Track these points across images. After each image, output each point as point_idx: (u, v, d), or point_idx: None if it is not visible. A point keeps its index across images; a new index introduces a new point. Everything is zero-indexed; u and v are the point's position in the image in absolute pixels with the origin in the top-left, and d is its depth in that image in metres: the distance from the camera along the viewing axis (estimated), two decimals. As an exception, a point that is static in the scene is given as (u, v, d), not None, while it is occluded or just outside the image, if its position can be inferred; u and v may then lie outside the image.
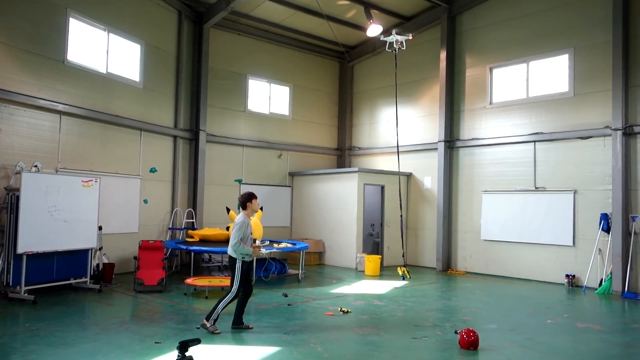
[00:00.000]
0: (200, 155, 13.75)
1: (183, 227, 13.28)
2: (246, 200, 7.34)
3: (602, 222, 11.12)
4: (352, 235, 14.15)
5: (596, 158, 11.50)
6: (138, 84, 12.52)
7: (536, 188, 12.47)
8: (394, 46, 10.08)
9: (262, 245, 8.40)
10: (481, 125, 13.70)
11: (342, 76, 17.52)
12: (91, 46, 11.44)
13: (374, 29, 14.11)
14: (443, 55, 14.29)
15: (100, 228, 10.38)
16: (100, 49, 11.62)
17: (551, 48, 12.42)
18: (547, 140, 12.31)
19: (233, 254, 7.06)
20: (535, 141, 12.54)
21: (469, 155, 13.92)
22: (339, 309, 8.53)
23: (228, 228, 12.18)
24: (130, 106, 12.23)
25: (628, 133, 10.97)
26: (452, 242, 14.13)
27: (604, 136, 11.35)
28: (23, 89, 9.84)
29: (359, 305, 9.10)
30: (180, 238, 13.06)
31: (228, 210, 12.74)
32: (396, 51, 10.09)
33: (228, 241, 11.68)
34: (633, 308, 9.52)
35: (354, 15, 14.79)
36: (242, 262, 7.05)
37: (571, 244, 11.76)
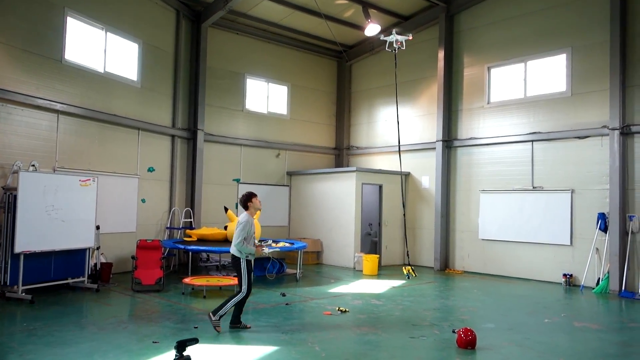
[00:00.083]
0: (198, 154, 13.74)
1: (181, 227, 13.27)
2: (246, 200, 7.34)
3: (600, 222, 11.14)
4: (350, 234, 14.16)
5: (594, 157, 11.52)
6: (136, 83, 12.50)
7: (534, 187, 12.49)
8: (394, 46, 10.06)
9: (265, 244, 8.38)
10: (479, 124, 13.72)
11: (340, 75, 17.52)
12: (89, 45, 11.42)
13: (372, 29, 14.13)
14: (441, 54, 14.31)
15: (98, 227, 10.37)
16: (98, 48, 11.60)
17: (549, 47, 12.44)
18: (545, 139, 12.33)
19: (236, 253, 7.07)
20: (533, 141, 12.56)
21: (467, 154, 13.93)
22: (337, 309, 8.53)
23: (226, 227, 12.18)
24: (128, 105, 12.21)
25: (625, 133, 10.99)
26: (450, 242, 14.15)
27: (602, 136, 11.37)
28: (21, 88, 9.82)
29: (357, 304, 9.11)
30: (178, 237, 13.05)
31: (226, 209, 12.75)
32: (396, 51, 10.09)
33: (226, 241, 11.88)
34: (630, 307, 9.55)
35: (352, 14, 14.79)
36: (246, 261, 7.07)
37: (569, 244, 11.78)
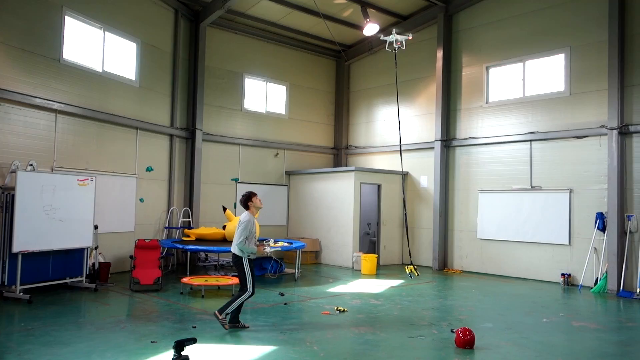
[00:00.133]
0: (196, 154, 13.72)
1: (179, 226, 13.26)
2: (247, 199, 7.34)
3: (598, 221, 11.15)
4: (349, 234, 14.16)
5: (592, 157, 11.53)
6: (134, 83, 12.48)
7: (532, 187, 12.50)
8: (394, 46, 10.05)
9: (268, 244, 8.39)
10: (477, 124, 13.72)
11: (339, 75, 17.52)
12: (87, 45, 11.40)
13: (371, 28, 14.14)
14: (439, 54, 14.31)
15: (96, 227, 10.36)
16: (96, 48, 11.57)
17: (547, 47, 12.44)
18: (543, 139, 12.34)
19: (238, 252, 7.06)
20: (531, 140, 12.57)
21: (465, 154, 13.94)
22: (336, 308, 8.52)
23: (224, 227, 12.17)
24: (126, 105, 12.19)
25: (624, 132, 11.00)
26: (449, 241, 14.15)
27: (600, 135, 11.38)
28: (18, 88, 9.80)
29: (356, 304, 9.11)
30: (176, 237, 13.04)
31: (224, 209, 12.74)
32: (396, 51, 10.08)
33: (224, 240, 11.88)
34: (628, 307, 9.55)
35: (351, 14, 14.79)
36: (248, 260, 7.07)
37: (567, 243, 11.79)
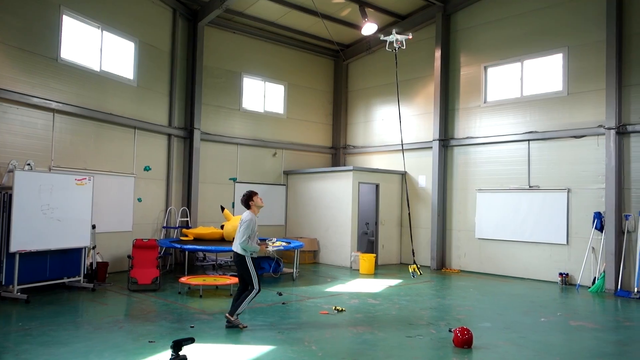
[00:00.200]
0: (194, 153, 13.70)
1: (177, 226, 13.24)
2: (247, 199, 7.35)
3: (596, 221, 11.17)
4: (347, 233, 14.16)
5: (590, 157, 11.55)
6: (132, 82, 12.46)
7: (530, 187, 12.51)
8: (394, 45, 10.05)
9: (270, 243, 8.39)
10: (475, 124, 13.73)
11: (337, 75, 17.51)
12: (85, 44, 11.37)
13: (369, 28, 14.13)
14: (438, 54, 14.31)
15: (93, 227, 10.33)
16: (94, 47, 11.55)
17: (545, 47, 12.46)
18: (541, 139, 12.35)
19: (240, 252, 7.05)
20: (529, 140, 12.58)
21: (464, 154, 13.95)
22: (334, 308, 8.52)
23: (222, 227, 12.16)
24: (124, 104, 12.17)
25: (621, 132, 11.02)
26: (447, 241, 14.16)
27: (598, 135, 11.40)
28: (16, 87, 9.77)
29: (354, 303, 9.10)
30: (174, 237, 13.02)
31: (222, 209, 12.73)
32: (396, 50, 10.08)
33: (222, 240, 11.86)
34: (626, 306, 9.57)
35: (349, 13, 14.78)
36: (251, 259, 7.08)
37: (565, 243, 11.81)
